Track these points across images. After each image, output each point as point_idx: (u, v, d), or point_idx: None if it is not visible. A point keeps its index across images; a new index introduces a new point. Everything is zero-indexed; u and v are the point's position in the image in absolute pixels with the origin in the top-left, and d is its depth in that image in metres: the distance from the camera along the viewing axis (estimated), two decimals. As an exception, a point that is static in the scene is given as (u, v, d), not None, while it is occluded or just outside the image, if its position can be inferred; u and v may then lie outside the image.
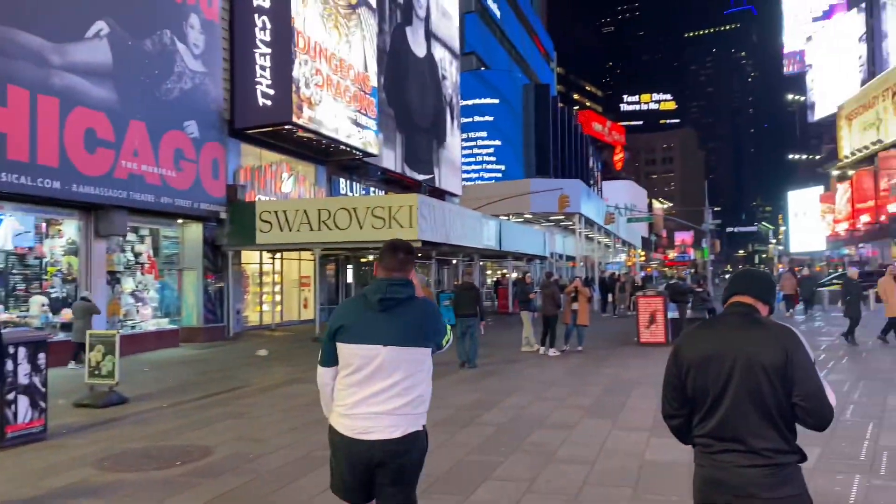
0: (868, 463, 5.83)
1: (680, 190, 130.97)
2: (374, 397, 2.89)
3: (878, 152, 58.16)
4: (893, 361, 11.88)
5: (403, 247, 3.11)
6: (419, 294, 3.11)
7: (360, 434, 2.88)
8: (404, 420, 2.91)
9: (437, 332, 3.05)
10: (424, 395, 3.01)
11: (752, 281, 2.71)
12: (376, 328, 2.92)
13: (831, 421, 2.42)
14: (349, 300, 3.21)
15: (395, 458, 2.88)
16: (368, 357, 2.90)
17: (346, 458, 2.93)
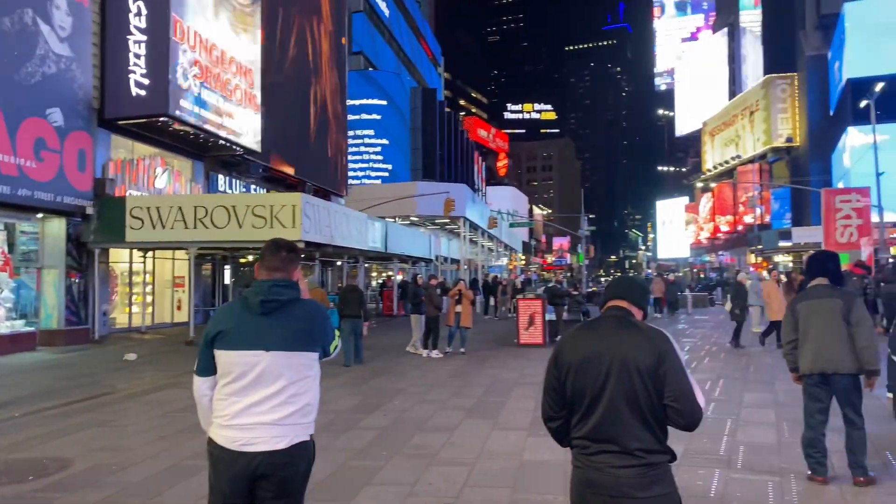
0: (727, 458, 6.24)
1: (558, 197, 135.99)
2: (257, 406, 2.73)
3: (737, 167, 62.83)
4: (765, 362, 12.82)
5: (286, 245, 2.98)
6: (305, 296, 2.99)
7: (242, 446, 2.72)
8: (291, 430, 2.75)
9: (324, 337, 2.92)
10: (313, 402, 2.87)
11: (628, 287, 2.80)
12: (258, 333, 2.76)
13: (700, 421, 2.52)
14: (228, 304, 3.03)
15: (279, 471, 2.72)
16: (250, 364, 2.74)
17: (227, 473, 2.74)
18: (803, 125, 54.27)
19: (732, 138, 65.16)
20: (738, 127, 63.68)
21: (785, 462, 6.00)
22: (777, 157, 58.33)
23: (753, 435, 7.02)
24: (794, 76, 55.94)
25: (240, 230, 16.50)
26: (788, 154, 57.45)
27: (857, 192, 26.70)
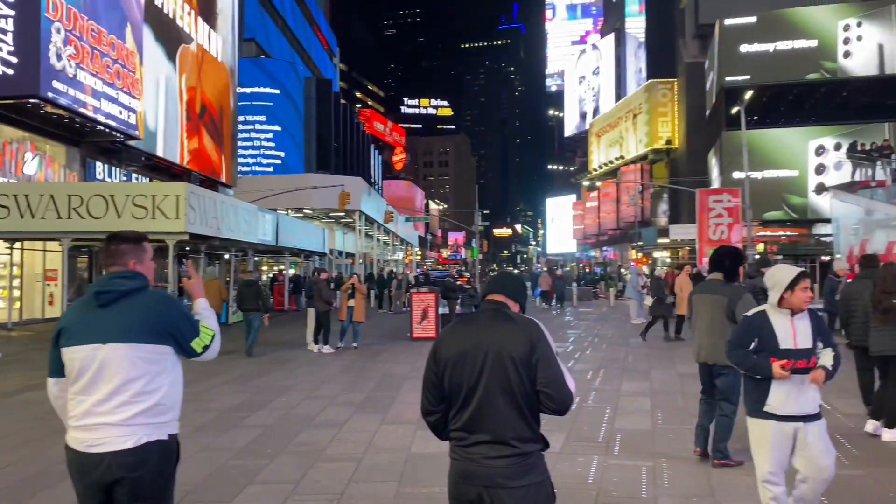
0: (605, 444, 6.52)
1: (454, 192, 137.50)
2: (101, 405, 2.61)
3: (621, 167, 65.69)
4: (643, 353, 13.46)
5: (117, 237, 2.86)
6: (192, 285, 2.90)
7: (89, 447, 2.59)
8: (141, 430, 2.63)
9: (176, 330, 2.76)
10: (167, 402, 2.73)
11: (505, 281, 2.86)
12: (96, 325, 2.64)
13: (571, 405, 2.60)
14: (76, 300, 2.89)
15: (130, 472, 2.59)
16: (89, 359, 2.61)
17: (79, 476, 2.62)
18: (682, 128, 57.43)
19: (617, 139, 68.10)
20: (622, 129, 66.61)
21: (658, 447, 6.35)
22: (657, 159, 61.47)
23: (630, 422, 7.38)
24: (674, 82, 59.07)
25: (119, 220, 15.64)
26: (668, 155, 60.67)
27: (728, 193, 28.58)
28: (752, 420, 3.91)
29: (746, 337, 3.92)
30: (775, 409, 3.79)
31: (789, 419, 3.78)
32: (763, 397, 3.82)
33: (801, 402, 3.78)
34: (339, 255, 42.05)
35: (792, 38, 42.27)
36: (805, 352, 3.80)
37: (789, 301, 3.83)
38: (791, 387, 3.78)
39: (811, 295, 3.84)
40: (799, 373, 3.75)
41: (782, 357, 3.75)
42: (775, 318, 3.87)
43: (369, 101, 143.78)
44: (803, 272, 3.83)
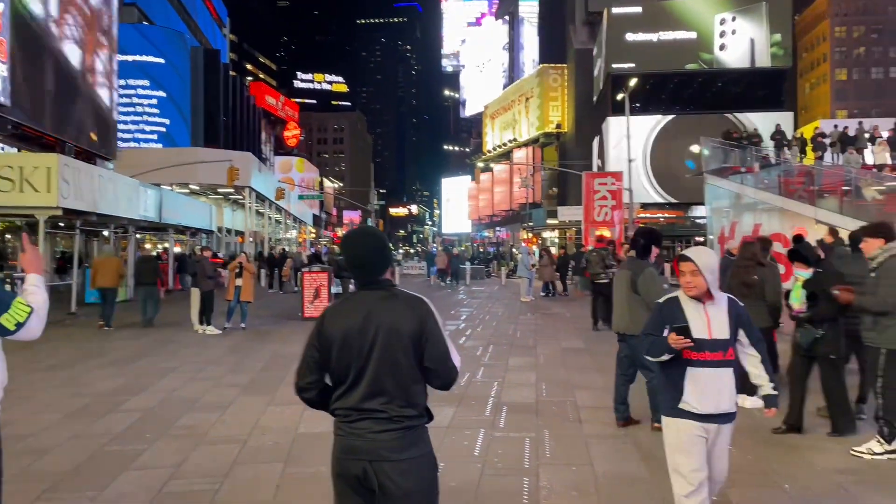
0: (491, 418, 6.70)
1: (350, 170, 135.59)
2: None
3: (513, 149, 66.99)
4: (530, 329, 13.84)
5: None
6: (27, 263, 2.68)
7: None
8: None
9: None
10: None
11: (374, 255, 2.66)
12: None
13: (456, 380, 2.64)
14: None
15: None
16: None
17: None
18: (571, 113, 59.24)
19: (510, 122, 69.38)
20: (516, 112, 67.92)
21: (542, 420, 6.59)
22: (548, 142, 63.19)
23: (516, 396, 7.61)
24: (565, 67, 60.75)
25: (-21, 194, 14.42)
26: (558, 139, 62.49)
27: (612, 176, 29.86)
28: (667, 420, 3.51)
29: (657, 324, 3.51)
30: (691, 406, 3.39)
31: (706, 418, 3.39)
32: (678, 394, 3.42)
33: (718, 399, 3.39)
34: (227, 234, 40.67)
35: (674, 28, 44.45)
36: (721, 343, 3.40)
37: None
38: (707, 382, 3.38)
39: (689, 282, 3.43)
40: (713, 366, 3.38)
41: (694, 349, 3.36)
42: (687, 306, 3.46)
43: (261, 74, 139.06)
44: (681, 255, 3.48)
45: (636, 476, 4.95)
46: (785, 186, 24.23)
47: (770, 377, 3.51)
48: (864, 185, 20.97)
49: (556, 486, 4.77)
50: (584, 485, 4.78)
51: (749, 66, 44.12)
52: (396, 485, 2.48)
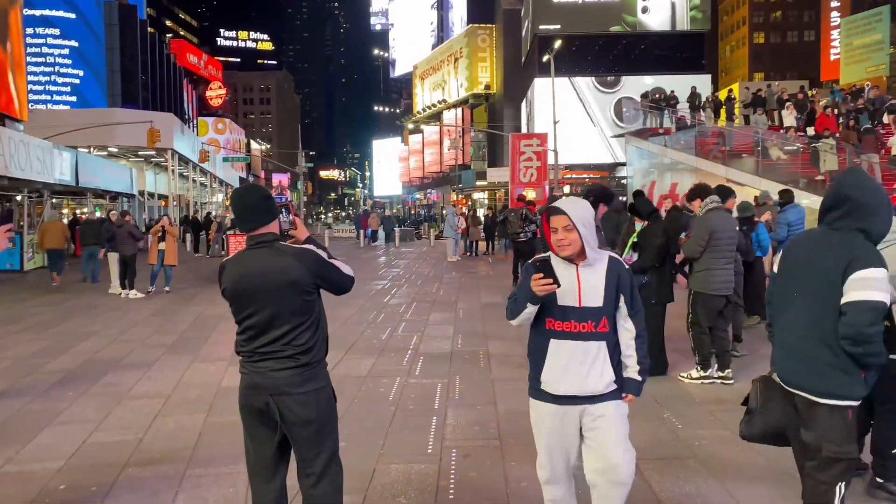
0: (408, 367, 7.10)
1: (277, 132, 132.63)
2: None
3: (443, 110, 66.89)
4: (453, 287, 14.28)
5: None
6: None
7: None
8: None
9: None
10: None
11: (255, 213, 2.92)
12: None
13: (352, 283, 3.02)
14: None
15: None
16: None
17: None
18: (500, 74, 59.49)
19: (440, 83, 69.12)
20: (445, 72, 67.65)
21: (454, 367, 7.03)
22: (477, 103, 63.38)
23: (433, 347, 8.03)
24: (493, 27, 60.74)
25: None
26: (487, 100, 62.75)
27: (537, 138, 30.43)
28: (530, 401, 3.02)
29: (517, 289, 2.95)
30: (550, 385, 2.88)
31: (568, 400, 2.87)
32: (538, 371, 2.92)
33: (582, 378, 2.84)
34: (150, 198, 39.56)
35: (598, -10, 45.06)
36: (592, 312, 2.85)
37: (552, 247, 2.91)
38: (570, 358, 2.84)
39: (564, 238, 2.85)
40: (580, 339, 2.84)
41: (559, 317, 2.85)
42: (559, 268, 2.87)
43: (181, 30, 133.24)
44: (550, 208, 2.92)
45: (534, 412, 5.44)
46: (700, 147, 25.36)
47: (641, 357, 2.95)
48: (771, 145, 22.18)
49: (461, 422, 5.22)
50: (486, 421, 5.24)
51: (670, 29, 45.26)
52: (296, 415, 2.83)
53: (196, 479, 4.26)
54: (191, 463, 4.51)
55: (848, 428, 2.83)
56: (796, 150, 21.35)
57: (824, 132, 20.18)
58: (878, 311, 2.70)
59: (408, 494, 3.96)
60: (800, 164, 20.67)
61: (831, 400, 2.80)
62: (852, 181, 2.91)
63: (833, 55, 54.89)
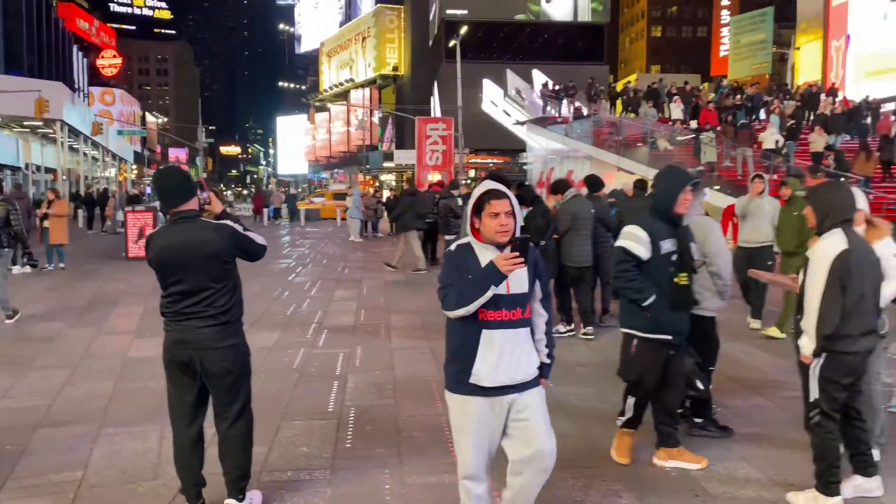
0: (312, 339, 7.51)
1: (175, 105, 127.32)
2: None
3: (351, 89, 66.39)
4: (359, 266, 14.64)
5: None
6: None
7: None
8: None
9: None
10: None
11: (175, 192, 3.31)
12: None
13: (265, 249, 3.50)
14: None
15: None
16: None
17: None
18: (408, 56, 59.74)
19: (347, 61, 68.59)
20: (352, 51, 67.19)
21: (356, 338, 7.50)
22: (385, 84, 63.40)
23: (336, 321, 8.46)
24: (401, 9, 60.80)
25: None
26: (395, 82, 62.86)
27: (443, 122, 31.03)
28: (453, 396, 2.88)
29: (453, 275, 2.80)
30: (483, 378, 2.78)
31: (499, 391, 2.80)
32: (468, 364, 2.79)
33: (514, 366, 2.80)
34: (37, 171, 37.53)
35: (504, -22, 46.00)
36: (520, 298, 2.82)
37: (482, 232, 2.81)
38: (505, 347, 2.78)
39: (506, 225, 2.76)
40: (512, 327, 2.80)
41: (491, 307, 2.75)
42: (481, 254, 2.79)
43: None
44: (490, 190, 2.80)
45: (428, 375, 6.00)
46: (596, 137, 26.70)
47: (550, 340, 3.00)
48: (659, 137, 23.71)
49: (360, 386, 5.72)
50: (384, 384, 5.76)
51: (572, 20, 46.86)
52: (218, 366, 3.30)
53: (110, 437, 4.56)
54: (104, 424, 4.80)
55: (628, 355, 3.86)
56: (682, 142, 22.94)
57: (706, 126, 21.80)
58: (618, 255, 3.84)
59: (310, 445, 4.43)
60: (684, 154, 22.27)
61: (622, 328, 4.00)
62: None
63: (723, 51, 58.35)
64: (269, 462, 4.15)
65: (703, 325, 4.35)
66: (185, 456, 3.38)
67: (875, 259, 3.51)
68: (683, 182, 3.82)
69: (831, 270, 3.36)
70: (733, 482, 3.89)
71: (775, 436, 4.51)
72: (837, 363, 3.44)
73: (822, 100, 23.48)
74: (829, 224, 3.48)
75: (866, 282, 3.42)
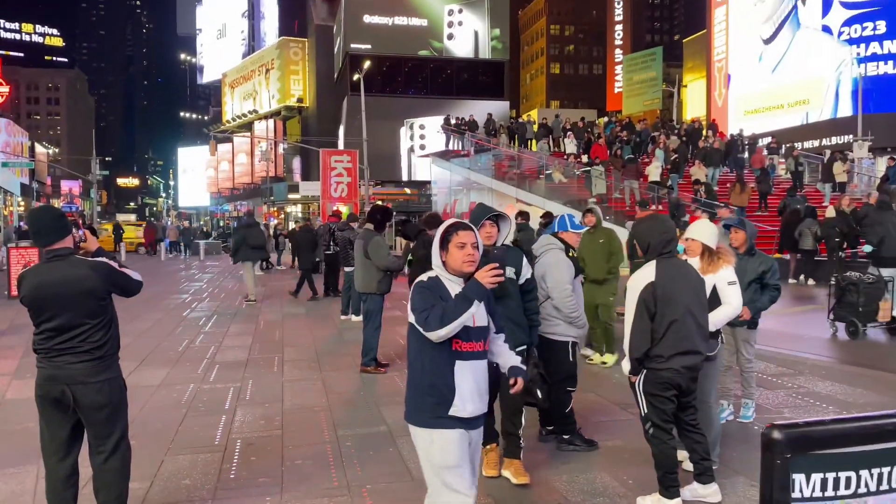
0: (202, 375, 7.48)
1: (68, 136, 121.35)
2: None
3: (254, 120, 65.54)
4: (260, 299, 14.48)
5: None
6: None
7: None
8: None
9: None
10: None
11: (49, 231, 3.37)
12: None
13: (141, 286, 3.62)
14: None
15: None
16: None
17: None
18: (313, 88, 59.64)
19: (251, 92, 67.75)
20: (256, 82, 66.47)
21: (248, 373, 7.53)
22: (290, 115, 62.95)
23: (229, 356, 8.44)
24: (306, 41, 60.80)
25: None
26: (300, 113, 62.54)
27: (347, 154, 31.18)
28: (431, 433, 2.83)
29: (431, 297, 2.81)
30: (462, 409, 2.80)
31: (473, 422, 2.89)
32: (447, 396, 2.80)
33: (482, 396, 2.90)
34: None
35: (408, 14, 46.95)
36: (483, 330, 2.91)
37: (449, 264, 2.88)
38: (475, 379, 2.85)
39: (473, 255, 2.85)
40: (479, 358, 2.89)
41: (464, 338, 2.81)
42: (449, 285, 2.87)
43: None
44: (456, 223, 2.92)
45: (316, 404, 6.14)
46: (496, 170, 27.57)
47: (511, 345, 3.25)
48: (554, 170, 24.75)
49: (248, 418, 5.79)
50: (272, 416, 5.85)
51: (473, 56, 48.28)
52: (91, 400, 3.36)
53: (-19, 481, 4.45)
54: (-25, 468, 4.67)
55: None
56: (575, 175, 24.03)
57: (595, 159, 22.98)
58: None
59: (192, 477, 4.49)
60: (577, 186, 23.35)
61: None
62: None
63: (617, 88, 61.70)
64: (150, 496, 4.19)
65: (556, 349, 4.75)
66: (57, 491, 3.40)
67: (693, 287, 3.91)
68: (480, 217, 4.01)
69: (639, 300, 3.79)
70: (592, 491, 4.25)
71: (633, 447, 4.92)
72: (654, 379, 3.85)
73: (703, 135, 25.23)
74: (649, 256, 3.92)
75: (677, 308, 3.78)
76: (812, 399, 6.27)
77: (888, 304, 8.92)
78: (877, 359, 8.05)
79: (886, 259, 9.30)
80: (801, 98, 30.97)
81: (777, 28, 32.18)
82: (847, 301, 8.93)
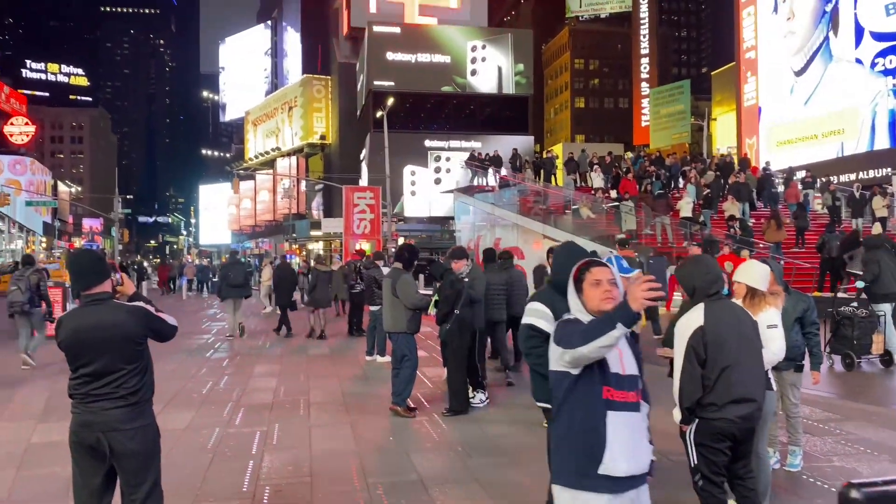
0: (228, 418, 7.33)
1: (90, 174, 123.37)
2: None
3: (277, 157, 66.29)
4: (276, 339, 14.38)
5: None
6: None
7: None
8: None
9: None
10: None
11: (90, 274, 3.34)
12: None
13: (176, 331, 3.54)
14: None
15: None
16: None
17: None
18: (335, 125, 60.34)
19: (273, 130, 68.72)
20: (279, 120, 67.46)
21: (274, 416, 7.37)
22: (313, 152, 63.66)
23: (255, 399, 8.29)
24: (329, 79, 61.70)
25: None
26: (323, 150, 63.22)
27: (370, 191, 31.32)
28: (574, 495, 2.54)
29: (571, 323, 2.66)
30: (614, 468, 2.51)
31: (627, 483, 2.55)
32: (596, 453, 2.51)
33: (639, 454, 2.58)
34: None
35: (431, 51, 47.40)
36: (634, 379, 2.65)
37: (587, 304, 2.68)
38: (631, 433, 2.56)
39: (611, 291, 2.63)
40: (633, 410, 2.60)
41: (615, 385, 2.55)
42: None
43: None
44: (588, 261, 2.76)
45: (346, 450, 5.97)
46: (521, 205, 27.43)
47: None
48: (581, 206, 24.52)
49: (276, 464, 5.63)
50: (300, 462, 5.68)
51: (497, 91, 48.53)
52: (125, 447, 3.27)
53: (6, 532, 4.32)
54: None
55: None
56: (604, 210, 23.77)
57: (625, 194, 22.72)
58: (525, 332, 3.77)
59: (222, 529, 4.33)
60: (606, 222, 23.00)
61: (537, 403, 3.93)
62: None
63: (644, 121, 61.50)
64: (178, 550, 4.03)
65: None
66: (89, 537, 3.28)
67: (745, 330, 3.71)
68: (578, 258, 3.98)
69: (687, 346, 3.60)
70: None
71: (676, 500, 4.67)
72: (707, 429, 3.63)
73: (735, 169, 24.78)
74: (696, 300, 3.74)
75: (729, 353, 3.58)
76: (862, 446, 5.99)
77: (881, 337, 9.23)
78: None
79: (878, 295, 9.50)
80: (835, 128, 30.51)
81: (808, 60, 31.89)
82: (842, 334, 9.23)
